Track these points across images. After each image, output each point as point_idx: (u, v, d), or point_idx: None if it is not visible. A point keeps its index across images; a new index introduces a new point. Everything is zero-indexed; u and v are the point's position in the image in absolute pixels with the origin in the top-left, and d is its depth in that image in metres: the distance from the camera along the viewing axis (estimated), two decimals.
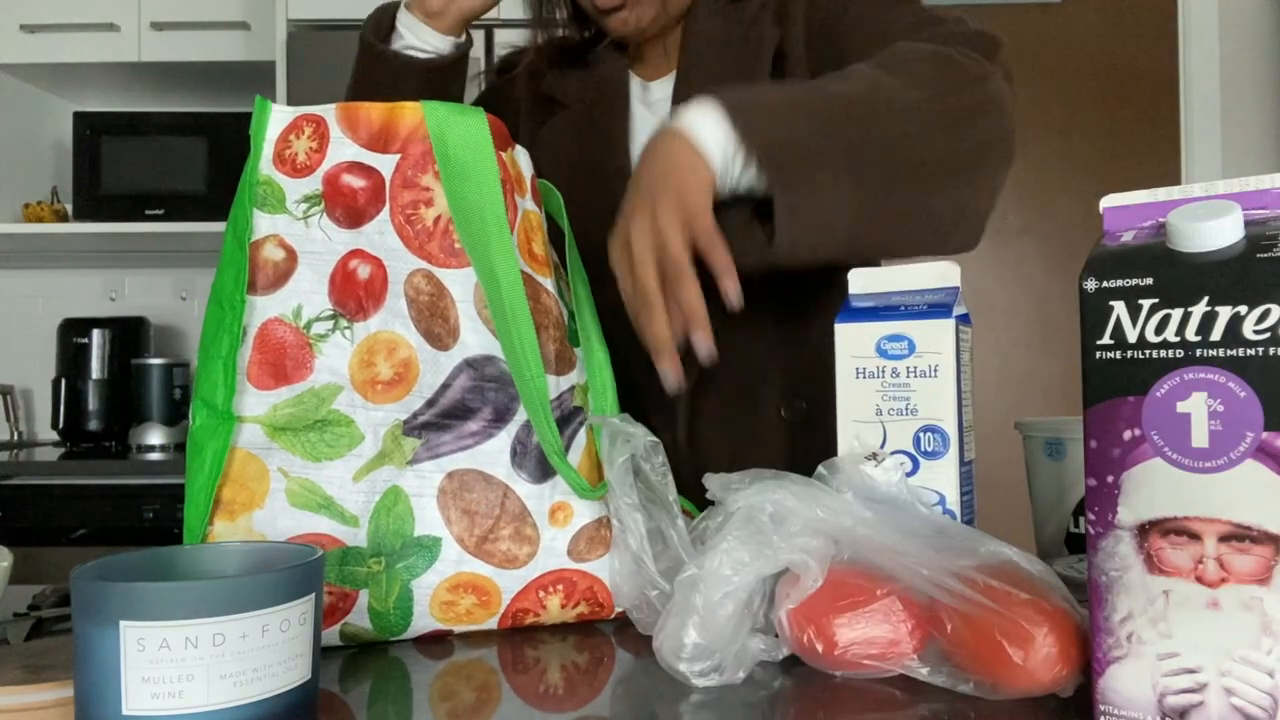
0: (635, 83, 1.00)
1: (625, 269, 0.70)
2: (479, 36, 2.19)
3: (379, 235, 0.62)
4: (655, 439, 0.61)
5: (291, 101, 2.20)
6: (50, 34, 2.38)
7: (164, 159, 2.43)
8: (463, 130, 0.63)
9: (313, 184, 0.61)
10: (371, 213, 0.62)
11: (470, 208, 0.62)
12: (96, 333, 2.44)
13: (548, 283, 0.67)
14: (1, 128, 2.51)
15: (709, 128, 0.69)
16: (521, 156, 0.69)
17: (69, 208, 2.53)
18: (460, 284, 0.62)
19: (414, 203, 0.62)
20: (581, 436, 0.65)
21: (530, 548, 0.61)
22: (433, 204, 0.62)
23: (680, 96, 0.93)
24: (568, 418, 0.65)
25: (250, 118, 0.63)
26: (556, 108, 1.01)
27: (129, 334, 2.49)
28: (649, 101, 0.99)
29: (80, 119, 2.45)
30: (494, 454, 0.61)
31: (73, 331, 2.45)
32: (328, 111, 0.63)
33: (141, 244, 2.54)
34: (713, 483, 0.58)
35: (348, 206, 0.61)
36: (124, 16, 2.38)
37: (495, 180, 0.63)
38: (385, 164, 0.62)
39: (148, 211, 2.42)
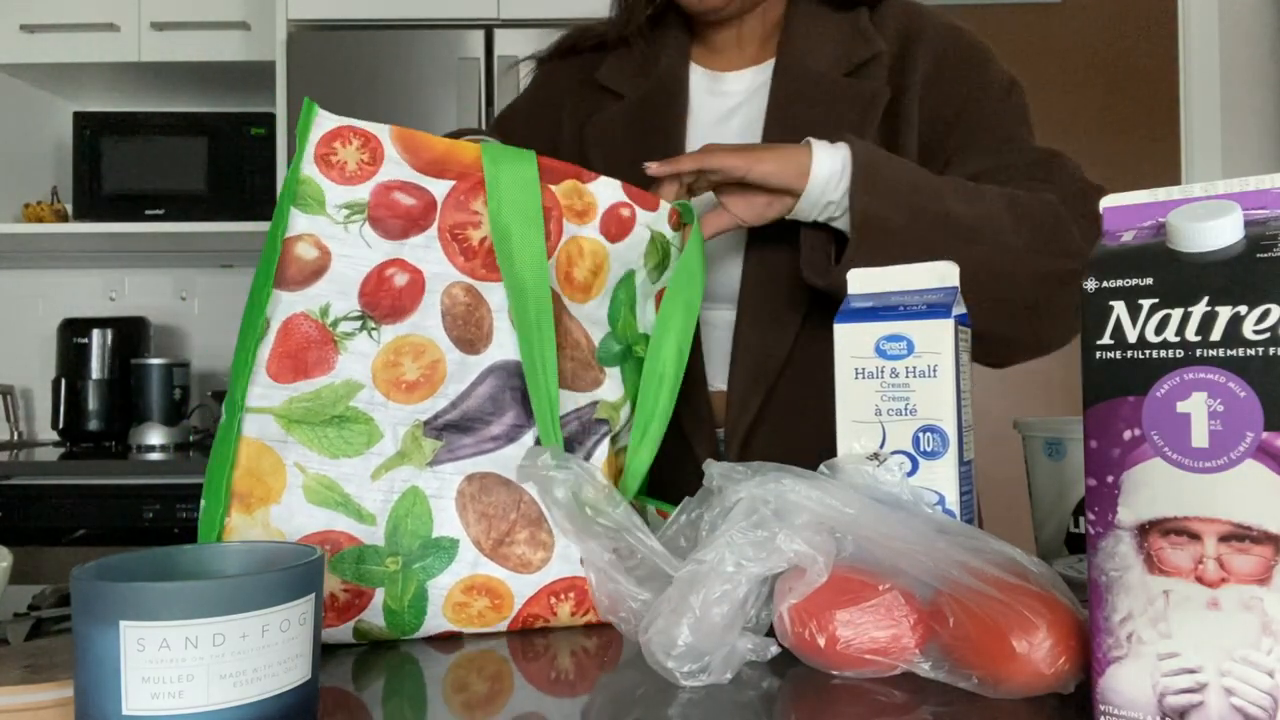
0: (700, 73, 0.98)
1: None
2: (479, 36, 2.19)
3: (423, 249, 0.62)
4: (584, 466, 0.61)
5: (291, 101, 2.20)
6: (50, 34, 2.38)
7: (164, 159, 2.43)
8: (514, 169, 0.64)
9: (359, 193, 0.61)
10: (418, 228, 0.62)
11: (512, 236, 0.63)
12: (96, 333, 2.44)
13: (577, 305, 0.68)
14: (1, 128, 2.51)
15: (829, 162, 0.79)
16: (603, 188, 0.69)
17: (69, 208, 2.53)
18: (500, 295, 0.63)
19: (462, 224, 0.63)
20: (603, 448, 0.67)
21: (545, 553, 0.61)
22: (479, 226, 0.63)
23: (781, 93, 0.92)
24: (588, 429, 0.66)
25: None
26: (609, 98, 0.98)
27: (129, 334, 2.49)
28: (720, 92, 0.97)
29: (80, 119, 2.45)
30: (514, 458, 0.62)
31: (73, 331, 2.45)
32: (382, 131, 0.62)
33: (141, 244, 2.54)
34: (713, 469, 0.58)
35: (395, 220, 0.62)
36: (124, 16, 2.38)
37: (538, 215, 0.64)
38: (439, 188, 0.63)
39: (148, 211, 2.42)
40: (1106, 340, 0.42)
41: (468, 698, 0.49)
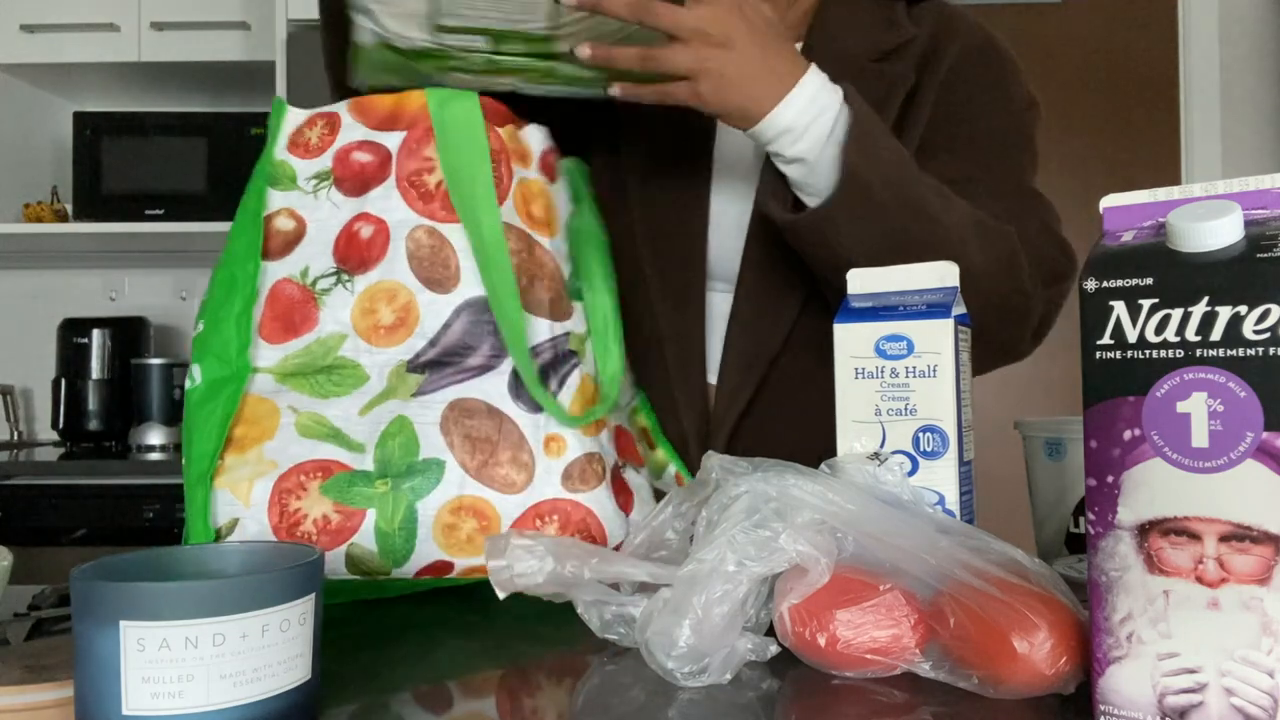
0: None
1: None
2: None
3: (384, 199, 0.67)
4: (551, 542, 0.56)
5: (291, 101, 2.19)
6: (50, 34, 2.38)
7: (164, 159, 2.43)
8: (458, 109, 0.69)
9: (323, 163, 0.68)
10: (377, 181, 0.67)
11: (461, 173, 0.67)
12: (96, 333, 2.44)
13: (544, 240, 0.71)
14: (1, 128, 2.51)
15: (824, 98, 0.75)
16: (533, 134, 0.74)
17: (69, 208, 2.52)
18: (461, 236, 0.67)
19: (418, 170, 0.68)
20: (574, 377, 0.69)
21: (527, 474, 0.64)
22: (434, 171, 0.68)
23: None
24: (562, 359, 0.69)
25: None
26: None
27: (129, 334, 2.49)
28: None
29: (80, 119, 2.45)
30: (493, 384, 0.65)
31: (73, 331, 2.45)
32: (340, 107, 0.69)
33: (141, 244, 2.54)
34: (712, 461, 0.58)
35: (355, 178, 0.67)
36: (124, 16, 2.38)
37: (484, 150, 0.68)
38: (392, 140, 0.68)
39: (148, 211, 2.41)
40: (1106, 340, 0.42)
41: (463, 682, 0.49)
